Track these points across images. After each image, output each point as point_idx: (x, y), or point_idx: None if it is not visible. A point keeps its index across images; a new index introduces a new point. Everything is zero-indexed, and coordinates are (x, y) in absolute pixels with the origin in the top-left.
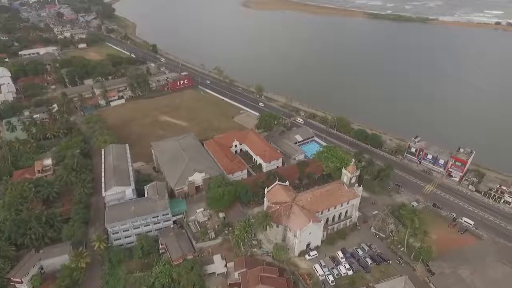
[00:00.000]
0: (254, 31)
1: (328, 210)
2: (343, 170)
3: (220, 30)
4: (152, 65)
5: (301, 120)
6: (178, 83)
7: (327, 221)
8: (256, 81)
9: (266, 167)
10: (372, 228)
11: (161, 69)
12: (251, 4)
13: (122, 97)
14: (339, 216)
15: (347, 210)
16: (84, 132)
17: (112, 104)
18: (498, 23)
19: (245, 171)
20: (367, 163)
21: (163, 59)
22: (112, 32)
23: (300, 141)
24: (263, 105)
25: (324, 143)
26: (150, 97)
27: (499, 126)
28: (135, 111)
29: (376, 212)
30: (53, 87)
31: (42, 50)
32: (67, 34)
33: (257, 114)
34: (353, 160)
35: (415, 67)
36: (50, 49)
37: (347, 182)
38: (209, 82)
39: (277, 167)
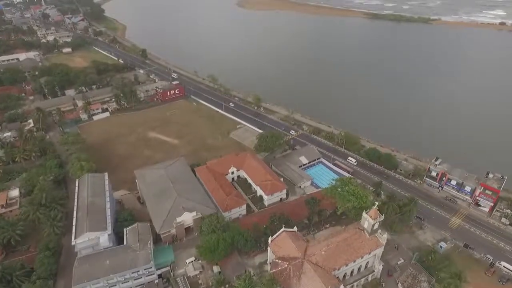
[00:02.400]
0: (249, 34)
1: (346, 265)
2: (364, 214)
3: (213, 33)
4: (141, 71)
5: (353, 160)
6: (169, 93)
7: (344, 276)
8: (253, 89)
9: (268, 200)
10: (400, 285)
11: (151, 76)
12: (246, 4)
13: (106, 110)
14: (359, 269)
15: (367, 261)
16: (61, 153)
17: (95, 118)
18: (502, 24)
19: (244, 207)
20: (388, 198)
21: (174, 72)
22: (99, 35)
23: (306, 164)
24: (295, 134)
25: (332, 166)
26: (137, 109)
27: None
28: (120, 126)
29: (402, 261)
30: (31, 98)
31: (22, 56)
32: (51, 38)
33: (256, 129)
34: (376, 203)
35: (425, 72)
36: (31, 54)
37: (369, 229)
38: (232, 105)
39: (281, 199)
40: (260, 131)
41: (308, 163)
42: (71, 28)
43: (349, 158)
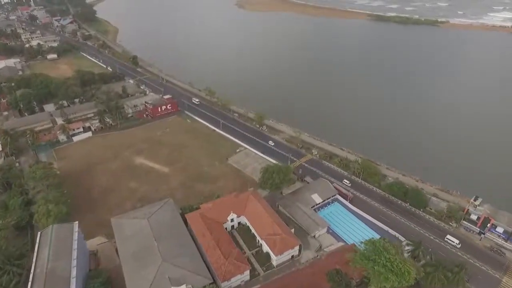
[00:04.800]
0: (249, 38)
1: None
2: None
3: (212, 34)
4: (131, 81)
5: (457, 241)
6: (160, 109)
7: None
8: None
9: (277, 260)
10: None
11: (141, 87)
12: (246, 4)
13: (89, 129)
14: None
15: None
16: (29, 187)
17: (75, 139)
18: None
19: (247, 272)
20: (433, 268)
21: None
22: (89, 39)
23: (319, 203)
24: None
25: (348, 204)
26: (124, 128)
27: None
28: (104, 148)
29: None
30: (5, 113)
31: (1, 63)
32: (35, 43)
33: (258, 153)
34: None
35: (447, 81)
36: (12, 61)
37: None
38: (273, 144)
39: (292, 256)
40: (262, 155)
41: (322, 201)
42: (59, 31)
43: (448, 236)
